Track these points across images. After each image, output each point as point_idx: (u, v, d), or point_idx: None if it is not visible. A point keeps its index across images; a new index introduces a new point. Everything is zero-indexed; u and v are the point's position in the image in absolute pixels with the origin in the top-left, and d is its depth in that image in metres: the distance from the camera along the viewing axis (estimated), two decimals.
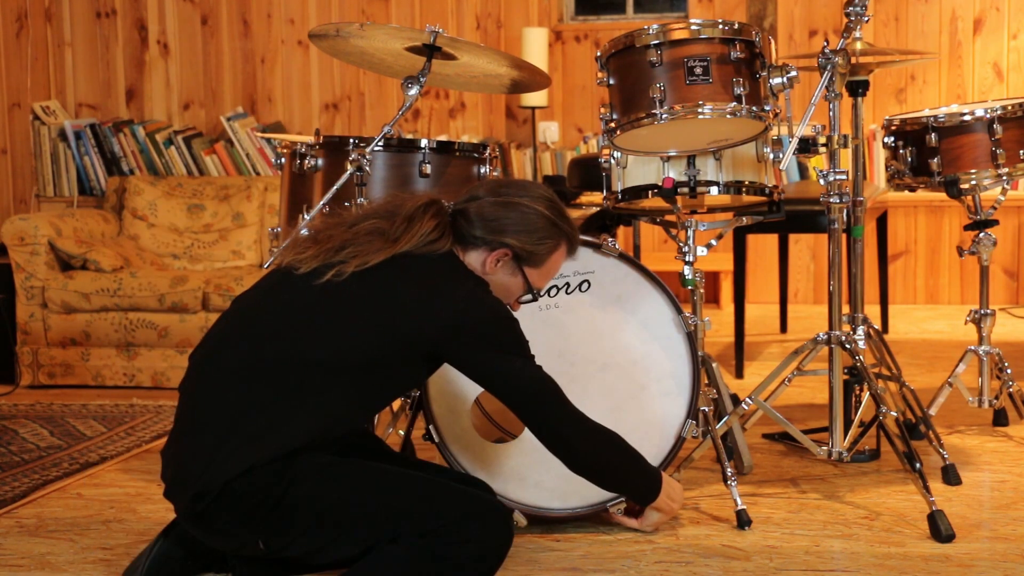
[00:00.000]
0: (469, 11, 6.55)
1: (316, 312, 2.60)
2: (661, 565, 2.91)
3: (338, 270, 2.60)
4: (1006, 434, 3.96)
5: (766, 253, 6.39)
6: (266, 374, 2.57)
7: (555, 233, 2.75)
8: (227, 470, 2.52)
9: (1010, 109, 3.69)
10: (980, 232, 3.83)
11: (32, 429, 4.28)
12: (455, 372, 3.12)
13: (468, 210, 2.71)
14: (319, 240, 2.67)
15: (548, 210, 2.74)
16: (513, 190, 2.74)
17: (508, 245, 2.70)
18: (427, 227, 2.65)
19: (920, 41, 6.30)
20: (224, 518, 2.56)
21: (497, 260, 2.71)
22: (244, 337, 2.64)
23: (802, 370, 3.34)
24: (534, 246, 2.73)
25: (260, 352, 2.59)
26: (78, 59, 6.73)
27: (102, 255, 5.14)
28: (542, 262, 2.76)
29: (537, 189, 2.78)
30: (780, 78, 3.22)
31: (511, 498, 3.09)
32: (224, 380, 2.61)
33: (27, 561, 3.02)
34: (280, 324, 2.62)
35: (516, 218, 2.71)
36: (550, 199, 2.77)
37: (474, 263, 2.72)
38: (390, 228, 2.64)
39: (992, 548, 2.97)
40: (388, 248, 2.62)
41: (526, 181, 2.85)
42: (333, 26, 3.46)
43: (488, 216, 2.70)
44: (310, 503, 2.55)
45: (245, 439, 2.53)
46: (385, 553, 2.55)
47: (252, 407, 2.56)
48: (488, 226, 2.69)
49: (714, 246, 3.52)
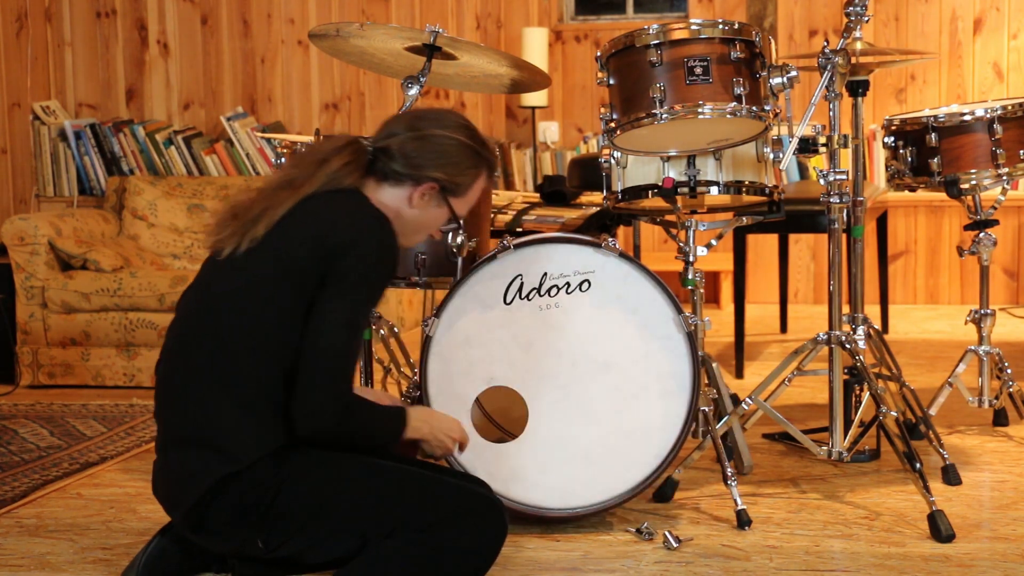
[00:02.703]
0: (469, 11, 6.55)
1: (234, 287, 2.60)
2: (661, 565, 2.91)
3: (251, 237, 2.59)
4: (1006, 434, 3.96)
5: (766, 253, 6.38)
6: (209, 373, 2.58)
7: (478, 162, 2.76)
8: (203, 484, 2.54)
9: (1010, 109, 3.69)
10: (980, 232, 3.83)
11: (32, 429, 4.28)
12: (455, 372, 3.12)
13: (390, 147, 2.69)
14: (238, 214, 2.64)
15: (468, 139, 2.74)
16: (430, 123, 2.73)
17: (434, 179, 2.70)
18: (336, 165, 2.64)
19: (920, 41, 6.30)
20: (220, 519, 2.56)
21: (423, 194, 2.71)
22: (183, 342, 2.65)
23: (802, 370, 3.34)
24: (459, 177, 2.73)
25: (198, 353, 2.60)
26: (78, 59, 6.73)
27: (102, 255, 5.14)
28: (466, 191, 2.77)
29: (453, 118, 2.76)
30: (780, 78, 3.22)
31: (511, 498, 3.09)
32: (178, 392, 2.63)
33: (27, 561, 3.01)
34: (207, 316, 2.62)
35: (439, 151, 2.70)
36: (467, 127, 2.76)
37: (397, 198, 2.70)
38: (299, 174, 2.64)
39: (992, 548, 2.97)
40: (293, 196, 2.61)
41: (440, 110, 2.82)
42: (333, 26, 3.46)
43: (410, 152, 2.69)
44: (305, 499, 2.55)
45: (214, 449, 2.55)
46: (381, 549, 2.55)
47: (209, 412, 2.57)
48: (412, 162, 2.69)
49: (714, 246, 3.52)
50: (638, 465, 3.13)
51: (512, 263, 3.14)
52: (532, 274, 3.14)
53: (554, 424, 3.12)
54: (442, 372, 3.13)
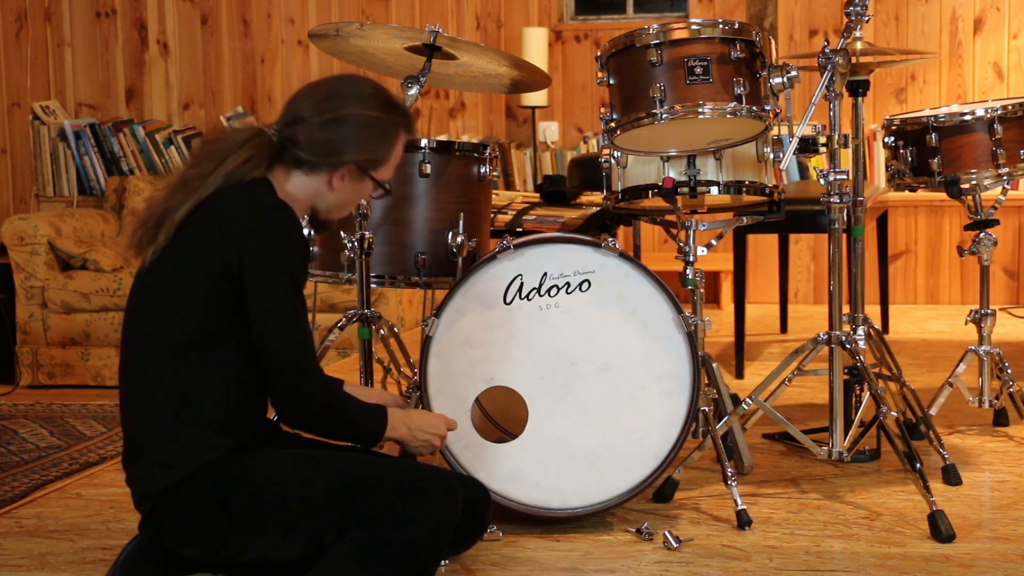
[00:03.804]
0: (469, 11, 6.55)
1: (150, 301, 2.58)
2: (661, 565, 2.90)
3: (155, 247, 2.55)
4: (1006, 434, 3.96)
5: (766, 253, 6.38)
6: (144, 385, 2.58)
7: (393, 131, 2.65)
8: (149, 495, 2.57)
9: (1010, 109, 3.68)
10: (980, 232, 3.83)
11: (32, 429, 4.28)
12: (455, 372, 3.12)
13: (296, 137, 2.58)
14: (144, 221, 2.58)
15: (380, 110, 2.62)
16: (338, 101, 2.60)
17: (351, 162, 2.61)
18: (234, 164, 2.55)
19: (920, 41, 6.29)
20: (177, 530, 2.56)
21: (342, 176, 2.62)
22: (123, 354, 2.65)
23: (802, 370, 3.34)
24: (376, 153, 2.63)
25: (132, 365, 2.61)
26: (78, 59, 6.72)
27: (102, 255, 5.13)
28: (386, 160, 2.66)
29: (359, 88, 2.63)
30: (780, 78, 3.22)
31: (511, 498, 3.09)
32: (124, 403, 2.63)
33: (27, 561, 3.01)
34: (133, 329, 2.62)
35: (352, 133, 2.59)
36: (376, 95, 2.63)
37: (312, 184, 2.62)
38: (196, 175, 2.56)
39: (992, 548, 2.97)
40: (189, 198, 2.54)
41: (344, 79, 2.68)
42: (333, 26, 3.46)
43: (320, 140, 2.58)
44: (253, 501, 2.54)
45: (153, 461, 2.56)
46: (334, 551, 2.54)
47: (147, 424, 2.57)
48: (323, 149, 2.58)
49: (714, 246, 3.52)
50: (638, 465, 3.13)
51: (512, 263, 3.14)
52: (532, 274, 3.13)
53: (554, 424, 3.12)
54: (442, 372, 3.13)
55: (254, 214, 2.53)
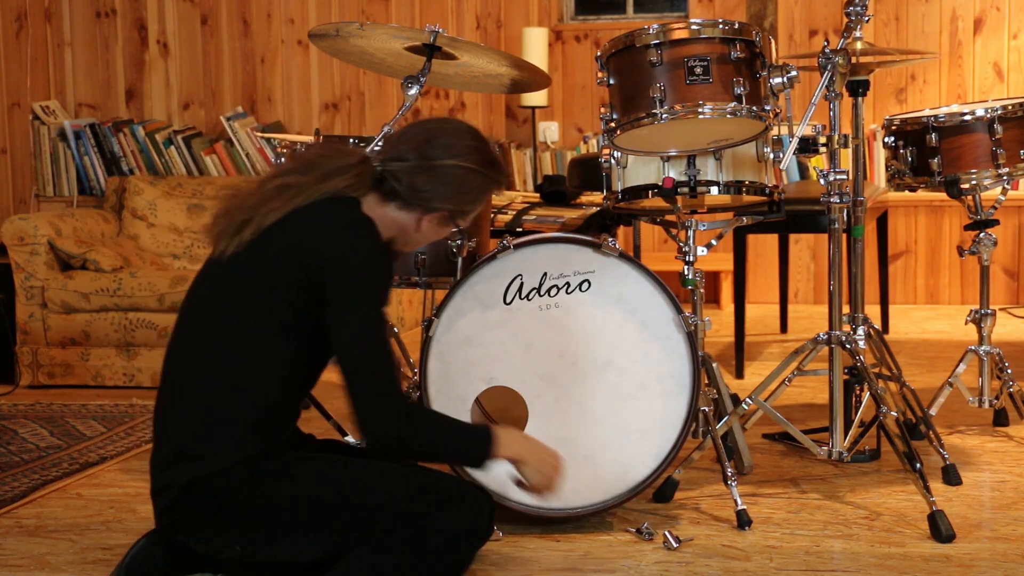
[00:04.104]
0: (469, 11, 6.55)
1: (220, 293, 2.62)
2: (661, 565, 2.90)
3: (238, 240, 2.58)
4: (1006, 434, 3.96)
5: (766, 253, 6.38)
6: (193, 377, 2.60)
7: (487, 186, 2.74)
8: (175, 485, 2.57)
9: (1010, 109, 3.68)
10: (980, 232, 3.83)
11: (32, 429, 4.28)
12: (455, 372, 3.12)
13: (399, 175, 2.65)
14: (230, 211, 2.63)
15: (480, 165, 2.69)
16: (442, 151, 2.66)
17: (444, 209, 2.69)
18: (338, 186, 2.61)
19: (920, 41, 6.29)
20: (195, 524, 2.57)
21: (431, 220, 2.70)
22: (178, 343, 2.67)
23: (802, 370, 3.34)
24: (469, 205, 2.72)
25: (186, 356, 2.63)
26: (78, 59, 6.72)
27: (102, 255, 5.13)
28: (474, 212, 2.77)
29: (464, 140, 2.70)
30: (780, 78, 3.22)
31: (511, 498, 3.08)
32: (168, 392, 2.65)
33: (27, 561, 3.01)
34: (196, 320, 2.65)
35: (451, 184, 2.67)
36: (478, 148, 2.71)
37: (403, 218, 2.68)
38: (297, 184, 2.61)
39: (993, 548, 2.97)
40: (285, 205, 2.58)
41: (450, 128, 2.73)
42: (333, 26, 3.46)
43: (421, 186, 2.65)
44: (276, 504, 2.55)
45: (188, 454, 2.57)
46: (356, 556, 2.54)
47: (188, 417, 2.59)
48: (422, 195, 2.66)
49: (714, 246, 3.52)
50: (638, 465, 3.13)
51: (512, 263, 3.14)
52: (532, 274, 3.13)
53: (554, 424, 3.12)
54: (442, 372, 3.13)
55: (342, 226, 2.58)
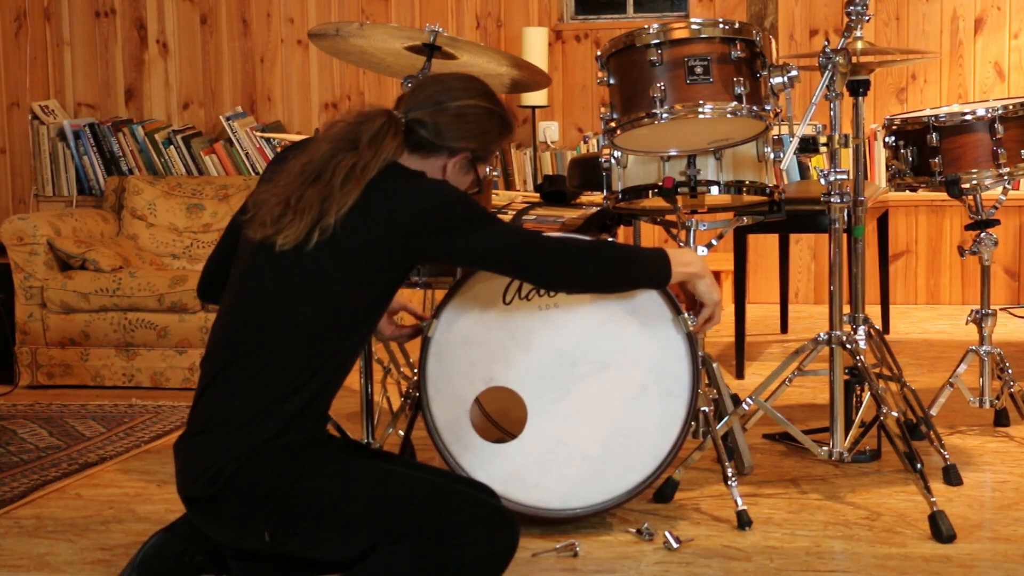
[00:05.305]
0: (469, 10, 6.55)
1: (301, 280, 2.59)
2: (661, 565, 2.90)
3: (322, 227, 2.58)
4: (1007, 434, 3.96)
5: (766, 253, 6.38)
6: (250, 363, 2.57)
7: (503, 128, 2.82)
8: (221, 460, 2.53)
9: (1011, 109, 3.68)
10: (981, 232, 3.82)
11: (31, 429, 4.27)
12: (454, 372, 3.12)
13: (423, 119, 2.72)
14: (291, 204, 2.61)
15: (494, 105, 2.79)
16: (457, 94, 2.76)
17: (469, 150, 2.75)
18: (391, 148, 2.67)
19: (921, 40, 6.29)
20: (234, 503, 2.55)
21: (456, 164, 2.75)
22: (235, 329, 2.63)
23: (803, 370, 3.34)
24: (490, 145, 2.80)
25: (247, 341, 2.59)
26: (77, 59, 6.72)
27: (101, 255, 5.13)
28: (491, 156, 2.84)
29: (476, 85, 2.80)
30: (781, 77, 3.22)
31: (511, 499, 3.08)
32: (218, 380, 2.60)
33: (26, 561, 3.01)
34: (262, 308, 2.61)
35: (472, 124, 2.75)
36: (488, 92, 2.81)
37: (430, 168, 2.73)
38: (359, 160, 2.64)
39: (993, 549, 2.96)
40: (358, 184, 2.61)
41: (460, 77, 2.85)
42: (333, 25, 3.46)
43: (446, 124, 2.72)
44: (319, 496, 2.55)
45: (229, 432, 2.54)
46: (387, 554, 2.54)
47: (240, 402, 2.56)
48: (447, 135, 2.72)
49: (714, 246, 3.51)
50: (638, 465, 3.12)
51: None
52: None
53: (554, 424, 3.11)
54: (441, 372, 3.12)
55: (419, 190, 2.63)
